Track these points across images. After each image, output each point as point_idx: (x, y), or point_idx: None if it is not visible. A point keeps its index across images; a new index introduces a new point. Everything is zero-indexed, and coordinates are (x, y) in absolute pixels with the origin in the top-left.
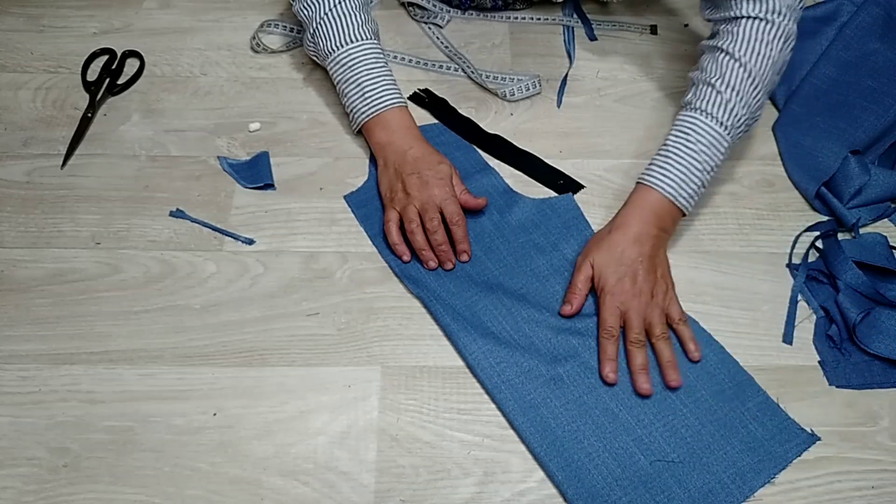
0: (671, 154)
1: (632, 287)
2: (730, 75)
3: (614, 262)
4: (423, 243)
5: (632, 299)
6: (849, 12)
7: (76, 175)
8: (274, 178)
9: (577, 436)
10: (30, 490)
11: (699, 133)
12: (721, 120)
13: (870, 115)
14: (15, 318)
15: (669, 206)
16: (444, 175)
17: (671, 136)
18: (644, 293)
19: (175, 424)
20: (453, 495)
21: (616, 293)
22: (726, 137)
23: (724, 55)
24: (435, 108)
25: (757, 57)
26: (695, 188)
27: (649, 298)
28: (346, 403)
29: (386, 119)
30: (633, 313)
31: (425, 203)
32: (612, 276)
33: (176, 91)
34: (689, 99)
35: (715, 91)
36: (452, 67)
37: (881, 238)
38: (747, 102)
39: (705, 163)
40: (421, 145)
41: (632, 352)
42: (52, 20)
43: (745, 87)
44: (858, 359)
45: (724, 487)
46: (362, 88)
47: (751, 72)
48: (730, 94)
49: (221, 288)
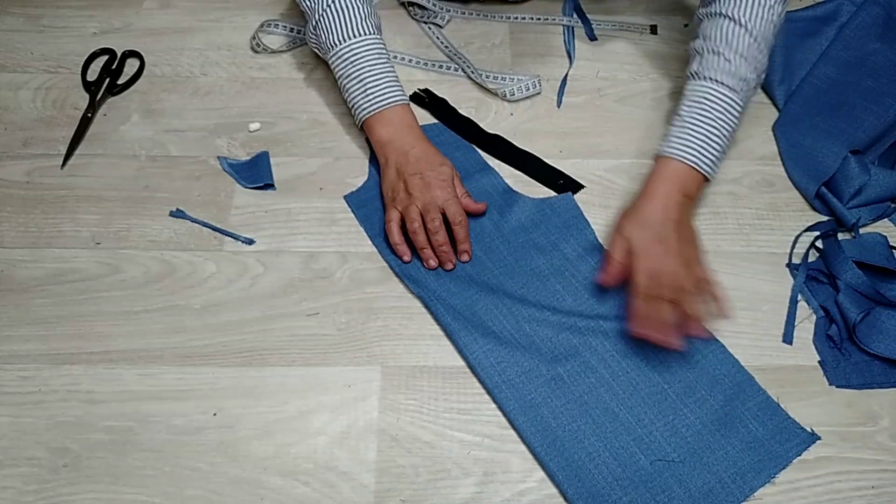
0: (688, 124)
1: (662, 249)
2: (736, 41)
3: (642, 227)
4: (425, 242)
5: (663, 261)
6: (849, 12)
7: (76, 175)
8: (274, 178)
9: (577, 435)
10: (30, 490)
11: (713, 101)
12: (732, 86)
13: (870, 115)
14: (15, 318)
15: (692, 173)
16: (447, 176)
17: (685, 106)
18: (673, 255)
19: (175, 424)
20: (453, 495)
21: (648, 256)
22: (739, 101)
23: (726, 20)
24: (435, 108)
25: (760, 20)
26: (716, 153)
27: (678, 260)
28: (346, 403)
29: (388, 116)
30: (663, 275)
31: (427, 204)
32: (641, 241)
33: (176, 91)
34: (697, 69)
35: (723, 58)
36: (452, 67)
37: (881, 238)
38: (755, 66)
39: (723, 128)
40: (423, 145)
41: (661, 307)
42: (52, 20)
43: (751, 51)
44: (858, 359)
45: (725, 487)
46: (364, 84)
47: (755, 35)
48: (738, 59)
49: (221, 288)
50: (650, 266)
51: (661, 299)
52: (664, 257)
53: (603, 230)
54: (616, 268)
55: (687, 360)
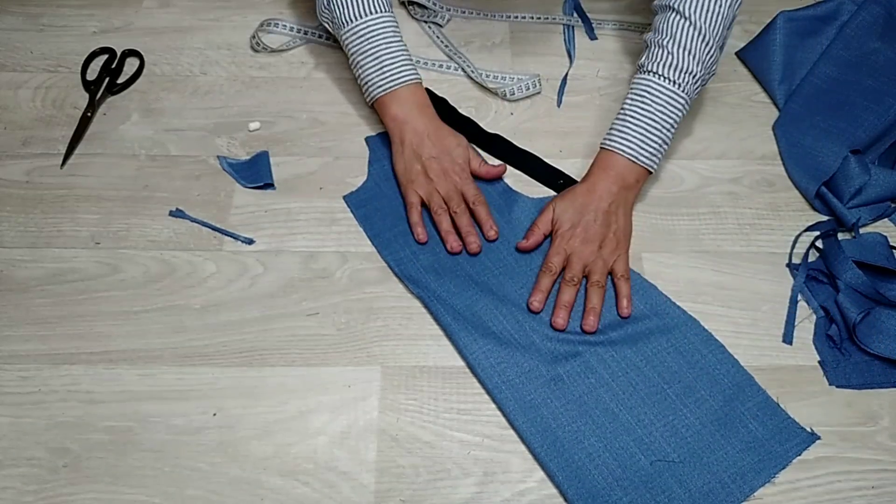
0: (629, 117)
1: (582, 234)
2: (681, 35)
3: (572, 210)
4: (450, 226)
5: (579, 245)
6: (849, 12)
7: (76, 175)
8: (274, 177)
9: (577, 436)
10: (30, 490)
11: (654, 95)
12: (675, 80)
13: (870, 115)
14: (15, 318)
15: (632, 166)
16: (463, 160)
17: (628, 99)
18: (592, 242)
19: (175, 424)
20: (453, 495)
21: (566, 237)
22: (682, 95)
23: (675, 15)
24: (435, 107)
25: (707, 14)
26: (656, 147)
27: (596, 249)
28: (346, 403)
29: (403, 95)
30: (575, 257)
31: (449, 191)
32: (566, 223)
33: (176, 91)
34: (643, 62)
35: (667, 52)
36: (452, 67)
37: (881, 238)
38: (700, 60)
39: (663, 122)
40: (437, 126)
41: (562, 289)
42: (52, 20)
43: (696, 46)
44: (858, 359)
45: (725, 487)
46: (380, 61)
47: (702, 30)
48: (682, 54)
49: (221, 288)
50: (566, 247)
51: (568, 284)
52: (581, 243)
53: None
54: (536, 239)
55: (687, 360)
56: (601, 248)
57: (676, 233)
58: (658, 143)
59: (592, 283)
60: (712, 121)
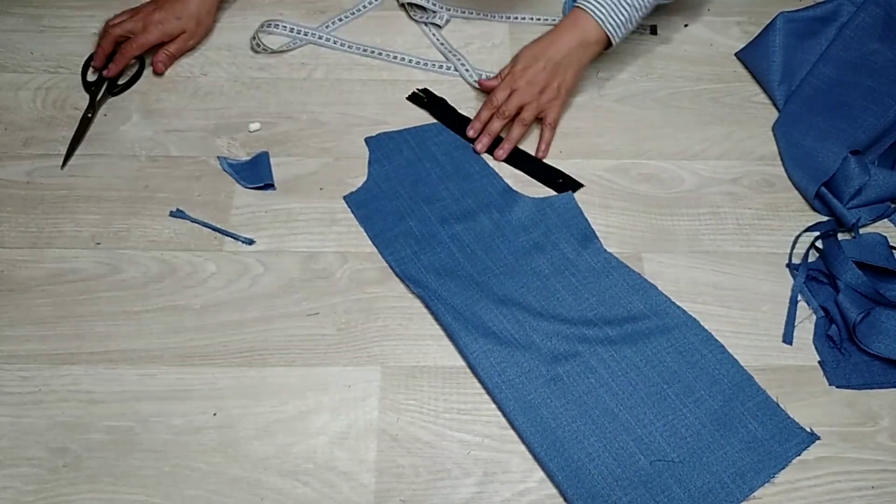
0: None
1: (529, 77)
2: None
3: (529, 55)
4: None
5: (523, 85)
6: (849, 12)
7: (76, 175)
8: (274, 178)
9: (577, 436)
10: (30, 490)
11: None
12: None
13: (870, 116)
14: (15, 318)
15: (597, 30)
16: None
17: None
18: (534, 86)
19: (175, 424)
20: (453, 495)
21: (515, 76)
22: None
23: None
24: (434, 107)
25: None
26: (623, 19)
27: (536, 93)
28: (346, 403)
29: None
30: (516, 95)
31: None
32: (520, 63)
33: (176, 91)
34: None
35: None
36: (452, 67)
37: (881, 238)
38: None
39: (637, 1)
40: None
41: (493, 121)
42: (52, 20)
43: None
44: (858, 359)
45: (724, 487)
46: None
47: None
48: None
49: (221, 288)
50: (512, 85)
51: (500, 115)
52: (525, 84)
53: (603, 230)
54: (494, 81)
55: (686, 360)
56: (541, 93)
57: (676, 233)
58: (626, 16)
59: (518, 119)
60: (712, 121)
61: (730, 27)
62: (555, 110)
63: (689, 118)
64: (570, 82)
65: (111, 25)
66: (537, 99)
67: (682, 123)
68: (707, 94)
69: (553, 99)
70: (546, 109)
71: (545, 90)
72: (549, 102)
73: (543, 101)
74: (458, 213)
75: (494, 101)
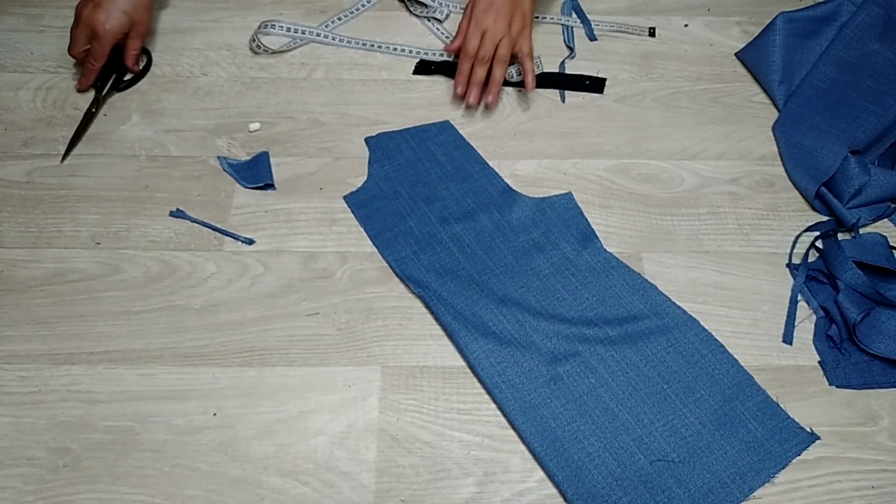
0: None
1: (494, 12)
2: None
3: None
4: None
5: (492, 22)
6: (849, 12)
7: (76, 175)
8: (274, 178)
9: (577, 436)
10: (30, 490)
11: None
12: None
13: (870, 116)
14: (15, 318)
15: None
16: None
17: None
18: (502, 19)
19: (175, 424)
20: (453, 495)
21: (479, 17)
22: None
23: None
24: (442, 71)
25: None
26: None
27: (506, 26)
28: (346, 403)
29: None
30: (489, 35)
31: None
32: (479, 9)
33: (176, 91)
34: None
35: None
36: (453, 56)
37: (881, 238)
38: None
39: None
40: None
41: (475, 68)
42: (52, 20)
43: None
44: (858, 359)
45: (724, 487)
46: None
47: None
48: None
49: (221, 288)
50: (481, 26)
51: (480, 62)
52: (494, 20)
53: (603, 230)
54: (459, 38)
55: (686, 360)
56: (510, 26)
57: (676, 233)
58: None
59: (497, 59)
60: (712, 121)
61: (730, 27)
62: (527, 40)
63: (689, 118)
64: (529, 8)
65: (72, 55)
66: (508, 33)
67: (682, 123)
68: (707, 94)
69: (522, 28)
70: (518, 42)
71: (513, 21)
72: (519, 33)
73: (514, 33)
74: (458, 213)
75: (469, 49)
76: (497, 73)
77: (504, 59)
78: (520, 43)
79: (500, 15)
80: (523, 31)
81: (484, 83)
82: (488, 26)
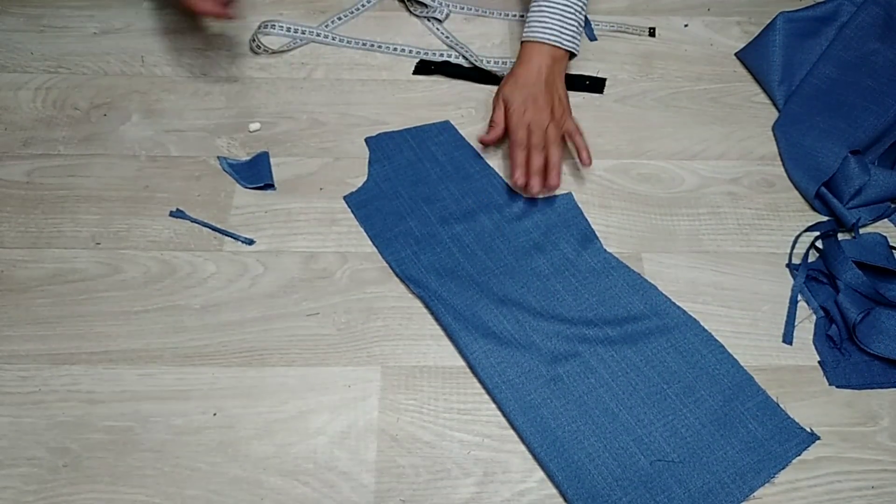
0: (545, 9)
1: (533, 105)
2: None
3: (518, 89)
4: None
5: (534, 115)
6: (849, 12)
7: (76, 175)
8: (274, 178)
9: (577, 436)
10: (30, 490)
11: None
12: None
13: (870, 115)
14: (15, 318)
15: (555, 49)
16: None
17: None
18: (544, 109)
19: (175, 424)
20: (453, 495)
21: (520, 112)
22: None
23: None
24: (443, 71)
25: None
26: (574, 30)
27: (549, 114)
28: (346, 403)
29: None
30: (535, 125)
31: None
32: (517, 100)
33: (176, 91)
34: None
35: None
36: (453, 55)
37: (881, 238)
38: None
39: (575, 6)
40: None
41: (532, 157)
42: (52, 20)
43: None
44: (858, 359)
45: (724, 487)
46: None
47: None
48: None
49: (221, 288)
50: (525, 120)
51: (535, 149)
52: (535, 113)
53: (603, 230)
54: (497, 132)
55: (686, 360)
56: (552, 112)
57: (676, 233)
58: (574, 25)
59: (552, 142)
60: (712, 121)
61: (730, 27)
62: (571, 121)
63: (689, 118)
64: (564, 91)
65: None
66: (552, 119)
67: (682, 123)
68: (707, 94)
69: (563, 112)
70: (564, 125)
71: (554, 108)
72: (562, 116)
73: (558, 117)
74: (458, 213)
75: (521, 140)
76: (555, 157)
77: (558, 141)
78: (566, 126)
79: (538, 105)
80: (565, 113)
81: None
82: (532, 119)
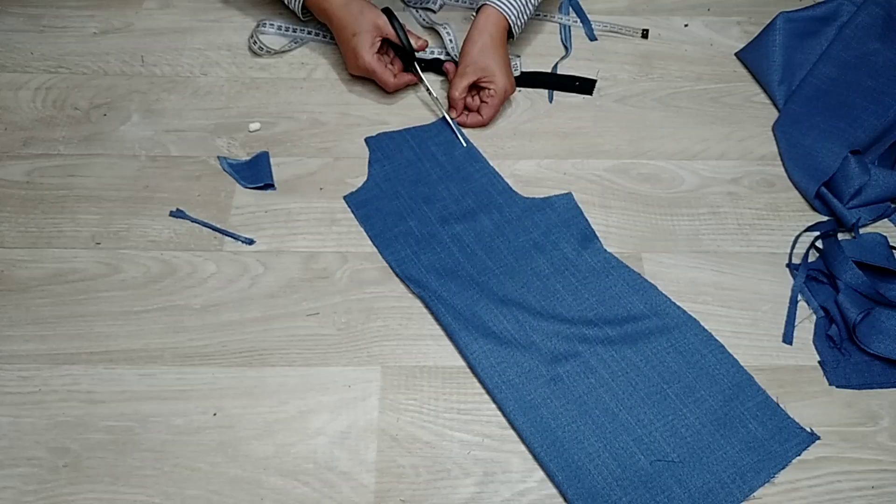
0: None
1: (484, 56)
2: None
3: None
4: None
5: (484, 62)
6: (849, 12)
7: (76, 175)
8: (274, 178)
9: (577, 436)
10: (30, 490)
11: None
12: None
13: (870, 115)
14: (15, 318)
15: (505, 25)
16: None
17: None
18: (492, 59)
19: (175, 424)
20: (453, 495)
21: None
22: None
23: None
24: (432, 67)
25: None
26: (524, 19)
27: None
28: (346, 403)
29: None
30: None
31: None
32: (470, 52)
33: (176, 91)
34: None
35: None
36: (444, 54)
37: (881, 238)
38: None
39: None
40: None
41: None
42: (52, 20)
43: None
44: (858, 359)
45: (724, 487)
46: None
47: None
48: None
49: (221, 288)
50: (475, 65)
51: (473, 91)
52: (485, 59)
53: (603, 230)
54: (462, 93)
55: (686, 360)
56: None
57: (676, 233)
58: (527, 15)
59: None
60: (712, 121)
61: (730, 27)
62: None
63: (689, 118)
64: (506, 54)
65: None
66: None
67: (682, 123)
68: (707, 94)
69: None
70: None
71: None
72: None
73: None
74: (458, 213)
75: (465, 79)
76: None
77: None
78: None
79: (488, 53)
80: (505, 67)
81: None
82: (480, 63)
